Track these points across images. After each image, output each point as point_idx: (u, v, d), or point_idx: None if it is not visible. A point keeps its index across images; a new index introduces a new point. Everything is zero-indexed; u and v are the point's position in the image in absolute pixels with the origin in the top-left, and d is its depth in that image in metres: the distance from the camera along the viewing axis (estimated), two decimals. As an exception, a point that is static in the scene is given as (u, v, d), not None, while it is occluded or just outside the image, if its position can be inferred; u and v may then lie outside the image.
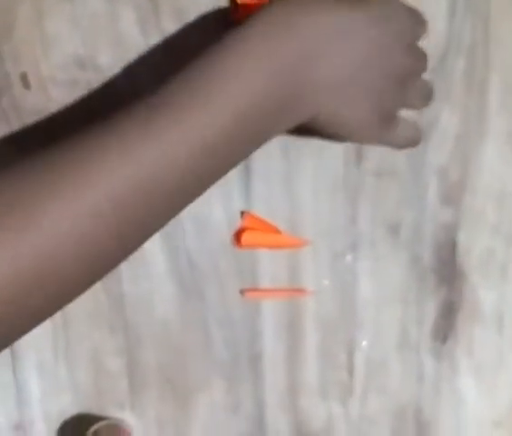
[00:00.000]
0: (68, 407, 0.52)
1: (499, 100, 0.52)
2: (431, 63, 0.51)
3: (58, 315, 0.51)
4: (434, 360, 0.53)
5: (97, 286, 0.50)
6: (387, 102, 0.43)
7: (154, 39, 0.49)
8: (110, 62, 0.49)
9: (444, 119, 0.52)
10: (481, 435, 0.54)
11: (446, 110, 0.52)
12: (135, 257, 0.50)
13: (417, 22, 0.45)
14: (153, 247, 0.51)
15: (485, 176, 0.52)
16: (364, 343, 0.53)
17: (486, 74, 0.52)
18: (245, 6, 0.47)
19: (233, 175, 0.51)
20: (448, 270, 0.53)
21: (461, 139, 0.52)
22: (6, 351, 0.51)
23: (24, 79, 0.49)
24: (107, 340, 0.51)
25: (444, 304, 0.53)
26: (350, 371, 0.53)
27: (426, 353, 0.53)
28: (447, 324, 0.53)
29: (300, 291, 0.52)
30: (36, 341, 0.51)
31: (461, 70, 0.51)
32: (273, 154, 0.51)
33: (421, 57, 0.45)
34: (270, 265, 0.52)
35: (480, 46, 0.51)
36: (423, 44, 0.45)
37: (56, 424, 0.52)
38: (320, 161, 0.51)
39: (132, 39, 0.48)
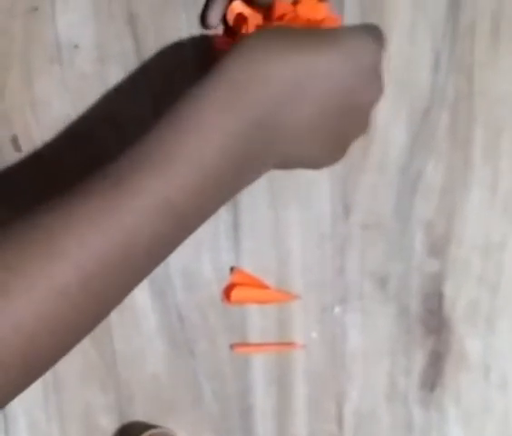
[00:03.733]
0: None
1: (483, 152, 0.53)
2: (416, 116, 0.52)
3: (49, 374, 0.50)
4: (422, 409, 0.54)
5: (88, 344, 0.51)
6: (348, 138, 0.43)
7: (144, 97, 0.50)
8: (100, 121, 0.49)
9: (429, 172, 0.53)
10: (470, 485, 0.55)
11: (431, 163, 0.53)
12: (126, 315, 0.51)
13: (379, 44, 0.43)
14: (144, 305, 0.51)
15: (470, 227, 0.53)
16: (353, 395, 0.53)
17: (469, 127, 0.53)
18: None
19: (222, 230, 0.51)
20: (435, 320, 0.53)
21: (446, 191, 0.53)
22: (-2, 412, 0.51)
23: (15, 142, 0.49)
24: (99, 397, 0.51)
25: (431, 354, 0.54)
26: (340, 422, 0.54)
27: (414, 403, 0.54)
28: (434, 374, 0.54)
29: (290, 345, 0.52)
30: (28, 401, 0.51)
31: (445, 123, 0.52)
32: (261, 208, 0.52)
33: (380, 85, 0.43)
34: (259, 320, 0.52)
35: (464, 100, 0.52)
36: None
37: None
38: (307, 214, 0.52)
39: (121, 98, 0.49)
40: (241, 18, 0.48)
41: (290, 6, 0.47)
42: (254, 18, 0.48)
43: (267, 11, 0.48)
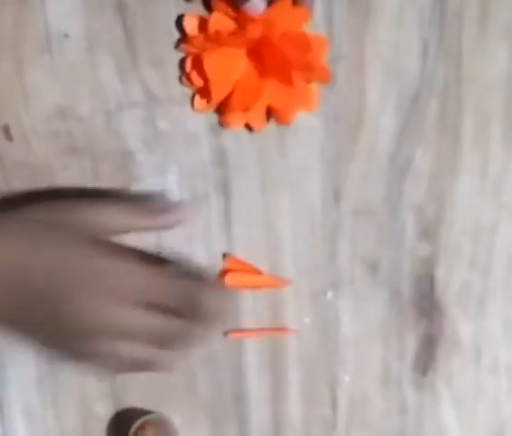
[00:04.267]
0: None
1: (472, 138, 0.53)
2: (405, 103, 0.52)
3: (44, 363, 0.51)
4: (415, 392, 0.54)
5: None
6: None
7: (134, 87, 0.50)
8: (90, 111, 0.50)
9: (418, 158, 0.53)
10: (463, 465, 0.56)
11: (420, 149, 0.53)
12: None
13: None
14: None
15: (460, 212, 0.54)
16: (346, 379, 0.54)
17: (458, 114, 0.53)
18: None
19: (213, 217, 0.52)
20: (426, 304, 0.54)
21: (436, 176, 0.53)
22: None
23: (7, 131, 0.50)
24: (93, 384, 0.52)
25: (424, 338, 0.54)
26: (334, 406, 0.54)
27: (407, 386, 0.54)
28: (427, 357, 0.54)
29: (283, 330, 0.53)
30: (23, 387, 0.51)
31: (434, 110, 0.53)
32: (252, 195, 0.52)
33: None
34: (252, 305, 0.53)
35: (453, 86, 0.53)
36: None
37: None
38: (298, 200, 0.52)
39: (111, 88, 0.49)
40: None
41: (265, 18, 0.47)
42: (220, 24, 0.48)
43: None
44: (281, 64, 0.48)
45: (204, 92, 0.49)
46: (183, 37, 0.49)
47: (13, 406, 0.51)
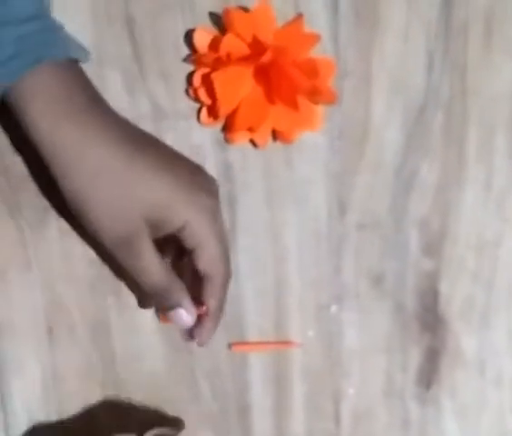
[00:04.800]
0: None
1: (477, 150, 0.53)
2: (411, 116, 0.53)
3: (49, 372, 0.51)
4: (419, 405, 0.55)
5: (88, 343, 0.51)
6: None
7: (141, 100, 0.50)
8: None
9: (424, 171, 0.53)
10: (466, 479, 0.56)
11: (425, 162, 0.53)
12: (125, 314, 0.51)
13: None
14: (143, 304, 0.52)
15: (464, 225, 0.54)
16: (350, 392, 0.54)
17: (463, 126, 0.53)
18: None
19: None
20: (430, 317, 0.54)
21: (441, 190, 0.53)
22: (-2, 413, 0.51)
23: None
24: (98, 396, 0.52)
25: (427, 351, 0.54)
26: (337, 420, 0.54)
27: (411, 399, 0.54)
28: (430, 370, 0.54)
29: (287, 343, 0.53)
30: (27, 399, 0.51)
31: (440, 123, 0.53)
32: (258, 208, 0.52)
33: None
34: (256, 319, 0.53)
35: (458, 99, 0.53)
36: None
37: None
38: (303, 214, 0.53)
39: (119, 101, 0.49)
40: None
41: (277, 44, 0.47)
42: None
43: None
44: (288, 88, 0.48)
45: (212, 108, 0.49)
46: (192, 51, 0.49)
47: (18, 417, 0.52)
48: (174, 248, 0.47)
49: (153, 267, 0.43)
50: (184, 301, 0.42)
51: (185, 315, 0.42)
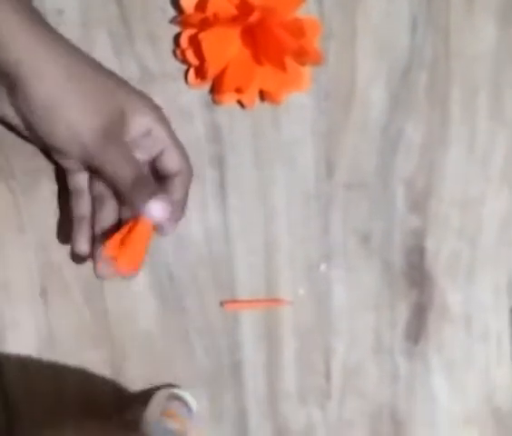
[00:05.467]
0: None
1: (460, 111, 0.54)
2: (395, 76, 0.53)
3: (44, 332, 0.52)
4: (407, 360, 0.56)
5: (82, 303, 0.52)
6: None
7: (129, 62, 0.51)
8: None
9: (409, 130, 0.54)
10: (453, 431, 0.57)
11: (410, 122, 0.54)
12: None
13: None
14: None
15: (449, 183, 0.55)
16: (340, 349, 0.55)
17: (447, 87, 0.54)
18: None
19: (208, 189, 0.52)
20: (417, 274, 0.55)
21: (426, 149, 0.54)
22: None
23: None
24: (93, 355, 0.53)
25: (415, 307, 0.55)
26: (328, 376, 0.55)
27: (399, 355, 0.56)
28: (418, 326, 0.56)
29: (278, 301, 0.54)
30: (23, 359, 0.52)
31: (424, 83, 0.54)
32: (246, 169, 0.53)
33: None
34: (248, 277, 0.54)
35: (441, 60, 0.54)
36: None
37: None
38: (291, 173, 0.53)
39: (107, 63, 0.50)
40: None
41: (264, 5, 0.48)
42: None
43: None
44: (275, 49, 0.48)
45: (200, 69, 0.50)
46: (179, 13, 0.50)
47: (13, 376, 0.52)
48: None
49: (132, 158, 0.45)
50: (159, 191, 0.44)
51: (162, 206, 0.43)
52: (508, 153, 0.55)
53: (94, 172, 0.46)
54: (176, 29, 0.50)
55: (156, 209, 0.43)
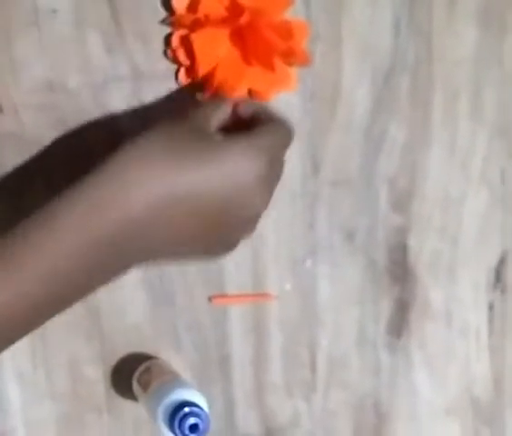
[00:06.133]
0: (48, 414, 0.54)
1: (442, 113, 0.56)
2: (379, 79, 0.55)
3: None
4: (390, 354, 0.57)
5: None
6: (233, 240, 0.45)
7: (120, 62, 0.52)
8: (78, 84, 0.51)
9: (392, 131, 0.56)
10: (435, 422, 0.59)
11: (393, 123, 0.55)
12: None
13: (286, 137, 0.45)
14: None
15: (431, 183, 0.56)
16: (325, 342, 0.56)
17: (429, 90, 0.56)
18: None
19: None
20: (400, 271, 0.57)
21: (408, 149, 0.56)
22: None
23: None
24: (83, 348, 0.53)
25: (397, 303, 0.57)
26: (313, 369, 0.57)
27: (382, 349, 0.57)
28: (400, 321, 0.57)
29: (264, 296, 0.55)
30: (14, 351, 0.52)
31: (406, 85, 0.55)
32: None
33: (267, 196, 0.45)
34: (235, 273, 0.55)
35: (423, 63, 0.55)
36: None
37: (37, 431, 0.54)
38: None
39: (98, 63, 0.51)
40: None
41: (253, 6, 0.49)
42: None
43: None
44: (264, 50, 0.49)
45: (190, 69, 0.51)
46: (171, 14, 0.51)
47: (5, 369, 0.53)
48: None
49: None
50: None
51: None
52: (488, 155, 0.57)
53: None
54: (167, 29, 0.52)
55: None
